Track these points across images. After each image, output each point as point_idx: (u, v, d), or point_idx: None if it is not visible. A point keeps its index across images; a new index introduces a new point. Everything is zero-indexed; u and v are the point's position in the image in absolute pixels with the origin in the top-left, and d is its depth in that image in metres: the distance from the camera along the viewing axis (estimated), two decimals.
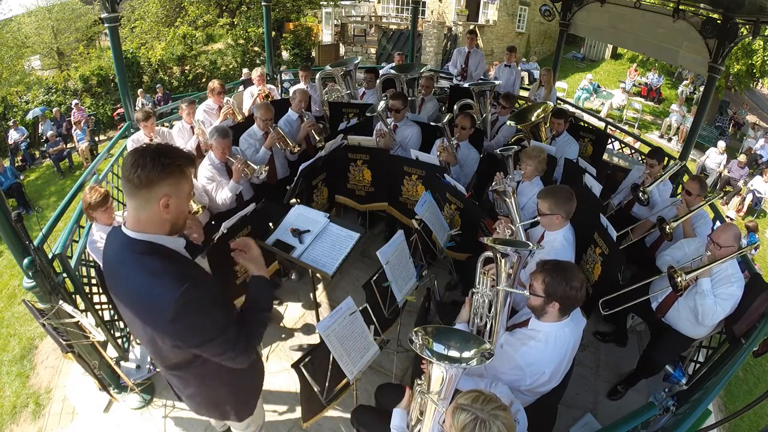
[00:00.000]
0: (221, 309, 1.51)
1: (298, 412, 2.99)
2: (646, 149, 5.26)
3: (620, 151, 7.15)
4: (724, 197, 9.92)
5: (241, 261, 1.75)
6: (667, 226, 3.29)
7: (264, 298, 1.73)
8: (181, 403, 3.02)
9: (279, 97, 5.84)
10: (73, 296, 2.80)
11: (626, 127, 12.06)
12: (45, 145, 10.75)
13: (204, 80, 14.99)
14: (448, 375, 1.55)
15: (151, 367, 3.19)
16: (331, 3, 17.90)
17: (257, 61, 15.87)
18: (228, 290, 2.86)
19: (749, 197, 9.67)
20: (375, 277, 2.60)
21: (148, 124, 4.27)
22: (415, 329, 1.65)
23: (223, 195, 3.54)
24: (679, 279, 2.69)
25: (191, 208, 3.31)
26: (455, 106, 5.05)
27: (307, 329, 3.69)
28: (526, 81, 13.32)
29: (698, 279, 2.77)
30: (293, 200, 3.10)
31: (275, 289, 1.77)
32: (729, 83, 11.66)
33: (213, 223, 3.61)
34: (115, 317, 3.29)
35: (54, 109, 12.17)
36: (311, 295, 3.23)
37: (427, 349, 1.58)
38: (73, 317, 2.52)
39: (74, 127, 11.17)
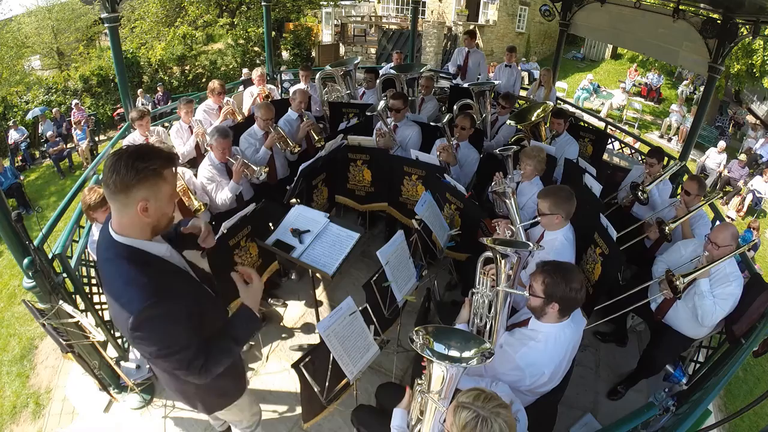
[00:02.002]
0: (185, 328, 1.48)
1: (298, 412, 2.99)
2: (646, 149, 5.26)
3: (620, 151, 7.15)
4: (724, 197, 9.92)
5: (239, 286, 1.70)
6: (666, 228, 3.29)
7: (242, 330, 1.68)
8: (181, 403, 3.03)
9: (279, 97, 5.84)
10: (73, 296, 2.79)
11: (626, 127, 12.06)
12: (45, 145, 10.77)
13: (204, 80, 15.00)
14: (449, 374, 1.55)
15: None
16: (331, 3, 17.91)
17: (257, 61, 15.88)
18: (227, 291, 2.86)
19: (749, 197, 9.67)
20: (375, 277, 2.60)
21: (143, 123, 4.26)
22: (416, 329, 1.65)
23: (223, 195, 3.54)
24: (677, 282, 2.69)
25: (194, 206, 3.30)
26: (455, 106, 5.05)
27: (307, 329, 3.69)
28: (526, 81, 13.32)
29: (696, 280, 2.77)
30: (293, 200, 3.10)
31: (258, 328, 1.73)
32: (729, 90, 11.58)
33: (213, 223, 3.61)
34: None
35: (54, 109, 12.18)
36: (311, 295, 3.23)
37: (427, 349, 1.58)
38: (73, 317, 2.52)
39: (74, 127, 11.18)
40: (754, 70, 10.79)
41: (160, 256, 1.56)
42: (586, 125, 6.22)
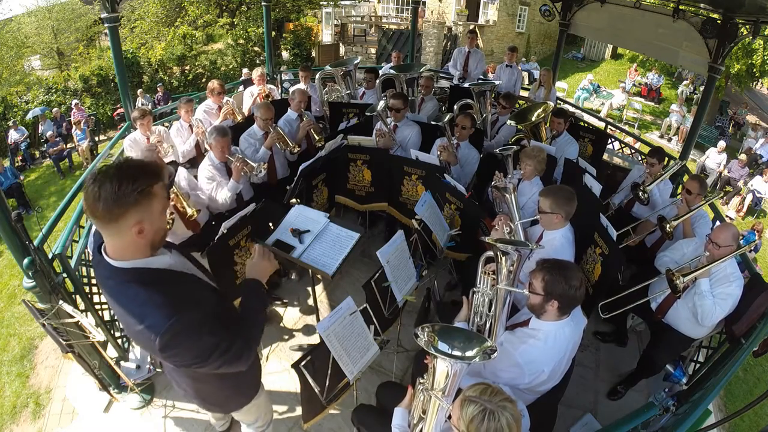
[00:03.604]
0: (210, 328, 1.46)
1: (298, 412, 2.99)
2: (646, 149, 5.25)
3: (620, 151, 7.15)
4: (724, 197, 9.92)
5: (247, 262, 1.78)
6: (668, 225, 3.29)
7: (253, 300, 1.73)
8: (181, 403, 3.04)
9: (279, 97, 5.84)
10: (73, 296, 2.79)
11: (626, 127, 12.06)
12: (45, 145, 10.76)
13: (204, 80, 15.00)
14: (453, 370, 1.55)
15: (151, 367, 3.19)
16: (331, 3, 17.90)
17: (257, 61, 15.88)
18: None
19: (749, 197, 9.67)
20: (375, 277, 2.60)
21: (144, 122, 4.25)
22: (421, 326, 1.65)
23: (224, 195, 3.54)
24: (677, 281, 2.69)
25: (186, 212, 3.28)
26: (455, 106, 5.05)
27: (307, 329, 3.69)
28: (526, 81, 13.32)
29: (697, 279, 2.77)
30: (293, 200, 3.10)
31: (264, 295, 1.75)
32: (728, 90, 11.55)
33: (213, 223, 3.62)
34: (115, 317, 3.29)
35: (54, 109, 12.17)
36: (311, 295, 3.23)
37: (432, 346, 1.58)
38: (73, 317, 2.52)
39: (74, 127, 11.17)
40: (754, 70, 10.79)
41: (166, 269, 1.50)
42: (586, 125, 6.21)
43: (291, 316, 3.83)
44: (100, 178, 1.29)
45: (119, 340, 3.27)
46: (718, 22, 4.75)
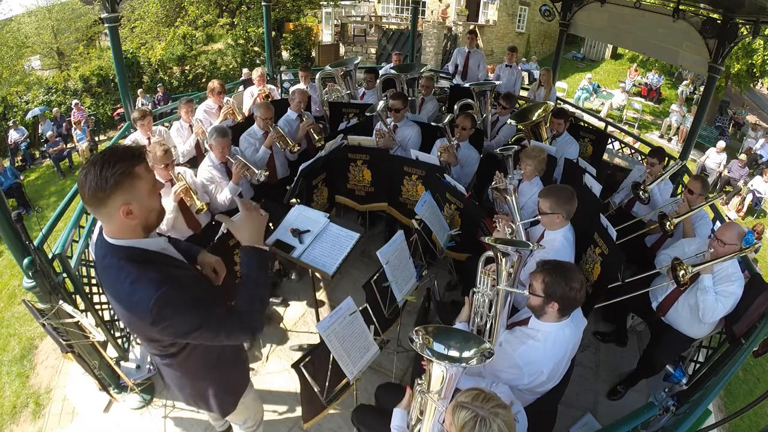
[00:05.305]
0: (202, 304, 1.49)
1: (298, 412, 2.99)
2: (646, 149, 5.26)
3: (620, 151, 7.15)
4: (724, 197, 9.92)
5: (228, 224, 1.67)
6: (668, 222, 3.29)
7: (254, 269, 1.62)
8: (181, 403, 3.03)
9: (279, 97, 5.84)
10: (73, 296, 2.79)
11: (626, 127, 12.06)
12: (45, 145, 10.77)
13: (204, 80, 15.01)
14: (449, 374, 1.55)
15: (151, 367, 3.19)
16: (331, 3, 17.91)
17: (257, 61, 15.88)
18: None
19: (749, 197, 9.67)
20: (375, 277, 2.60)
21: (144, 123, 4.26)
22: (416, 328, 1.65)
23: (223, 196, 3.55)
24: (682, 272, 2.70)
25: (196, 206, 3.29)
26: (455, 107, 5.05)
27: (307, 329, 3.68)
28: (526, 81, 13.32)
29: (700, 275, 2.78)
30: (293, 200, 3.10)
31: (268, 257, 1.69)
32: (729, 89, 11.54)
33: (213, 223, 3.62)
34: (115, 317, 3.29)
35: (54, 109, 12.18)
36: (311, 295, 3.23)
37: (427, 348, 1.58)
38: (73, 317, 2.52)
39: (74, 127, 11.17)
40: (754, 70, 10.79)
41: (159, 251, 1.55)
42: (586, 125, 6.22)
43: (291, 316, 3.83)
44: (86, 166, 1.38)
45: (119, 340, 3.27)
46: (718, 22, 4.75)
